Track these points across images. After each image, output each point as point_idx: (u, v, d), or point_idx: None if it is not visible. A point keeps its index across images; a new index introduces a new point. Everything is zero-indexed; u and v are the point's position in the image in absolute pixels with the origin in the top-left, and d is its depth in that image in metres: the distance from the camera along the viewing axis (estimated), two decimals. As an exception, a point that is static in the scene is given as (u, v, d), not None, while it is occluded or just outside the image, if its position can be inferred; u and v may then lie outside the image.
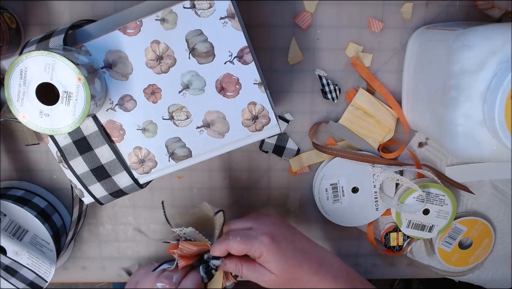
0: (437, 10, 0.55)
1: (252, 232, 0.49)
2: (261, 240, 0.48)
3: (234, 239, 0.48)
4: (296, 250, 0.49)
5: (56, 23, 0.53)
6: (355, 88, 0.57)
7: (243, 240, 0.48)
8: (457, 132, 0.44)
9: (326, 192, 0.60)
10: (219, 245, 0.49)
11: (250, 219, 0.51)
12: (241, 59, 0.45)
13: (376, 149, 0.59)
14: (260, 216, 0.52)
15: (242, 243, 0.48)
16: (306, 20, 0.54)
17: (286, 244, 0.49)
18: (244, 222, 0.51)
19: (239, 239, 0.48)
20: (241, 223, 0.52)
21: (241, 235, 0.49)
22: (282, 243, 0.49)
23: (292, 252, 0.49)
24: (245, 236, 0.49)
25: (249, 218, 0.52)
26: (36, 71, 0.39)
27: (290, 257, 0.48)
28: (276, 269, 0.48)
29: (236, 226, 0.52)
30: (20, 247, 0.54)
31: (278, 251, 0.48)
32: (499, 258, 0.66)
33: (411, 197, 0.59)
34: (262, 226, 0.50)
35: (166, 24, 0.44)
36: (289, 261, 0.48)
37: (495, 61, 0.41)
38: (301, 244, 0.50)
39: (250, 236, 0.49)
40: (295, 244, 0.50)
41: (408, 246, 0.64)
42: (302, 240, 0.51)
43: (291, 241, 0.49)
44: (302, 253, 0.49)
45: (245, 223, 0.51)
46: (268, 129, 0.48)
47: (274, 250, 0.48)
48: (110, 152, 0.47)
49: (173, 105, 0.46)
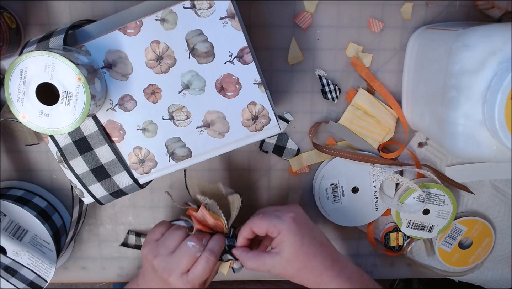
0: (437, 10, 0.55)
1: (277, 212, 0.50)
2: (283, 219, 0.48)
3: (257, 216, 0.50)
4: (315, 238, 0.49)
5: (56, 23, 0.53)
6: (355, 88, 0.57)
7: (265, 217, 0.49)
8: (457, 132, 0.44)
9: (326, 192, 0.60)
10: (245, 226, 0.50)
11: (277, 205, 0.54)
12: (241, 59, 0.45)
13: (376, 149, 0.59)
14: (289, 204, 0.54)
15: (263, 219, 0.49)
16: (306, 20, 0.54)
17: (306, 230, 0.49)
18: (273, 206, 0.53)
19: (261, 216, 0.49)
20: (267, 208, 0.53)
21: (264, 212, 0.50)
22: (303, 227, 0.49)
23: (310, 240, 0.49)
24: (268, 213, 0.50)
25: (277, 205, 0.54)
26: (36, 71, 0.39)
27: (306, 244, 0.48)
28: (289, 252, 0.48)
29: (265, 209, 0.53)
30: (20, 247, 0.54)
31: (297, 233, 0.48)
32: (499, 258, 0.66)
33: (411, 197, 0.59)
34: (287, 209, 0.51)
35: (166, 24, 0.44)
36: (305, 248, 0.48)
37: (495, 61, 0.41)
38: (320, 236, 0.51)
39: (273, 214, 0.50)
40: (315, 233, 0.50)
41: (408, 246, 0.64)
42: (321, 235, 0.51)
43: (311, 229, 0.50)
44: (319, 244, 0.49)
45: (271, 207, 0.53)
46: (268, 129, 0.48)
47: (293, 230, 0.48)
48: (110, 152, 0.47)
49: (173, 105, 0.46)
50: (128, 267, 0.64)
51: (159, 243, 0.50)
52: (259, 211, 0.53)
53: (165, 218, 0.62)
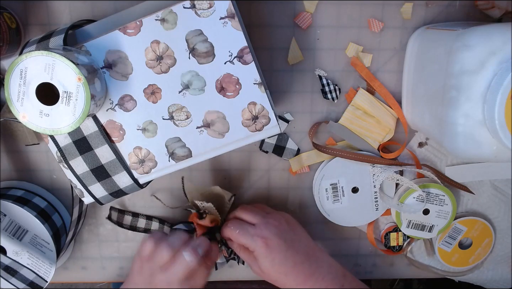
0: (437, 10, 0.55)
1: (251, 230, 0.51)
2: (255, 241, 0.50)
3: (234, 230, 0.52)
4: (287, 260, 0.50)
5: (56, 23, 0.53)
6: (355, 88, 0.57)
7: (241, 234, 0.51)
8: (457, 132, 0.44)
9: (326, 192, 0.60)
10: (225, 231, 0.53)
11: (257, 215, 0.53)
12: (241, 59, 0.45)
13: (376, 149, 0.59)
14: (268, 215, 0.53)
15: (238, 236, 0.51)
16: (306, 20, 0.54)
17: (277, 253, 0.50)
18: (251, 215, 0.53)
19: (238, 232, 0.52)
20: (248, 215, 0.53)
21: (241, 229, 0.52)
22: (274, 251, 0.50)
23: (281, 261, 0.50)
24: (243, 231, 0.51)
25: (257, 213, 0.53)
26: (36, 71, 0.39)
27: (277, 265, 0.50)
28: (262, 268, 0.51)
29: (242, 216, 0.54)
30: (20, 247, 0.54)
31: (267, 257, 0.50)
32: (499, 258, 0.66)
33: (411, 197, 0.59)
34: (263, 228, 0.51)
35: (166, 24, 0.44)
36: (276, 268, 0.51)
37: (495, 61, 0.41)
38: (296, 255, 0.51)
39: (248, 233, 0.51)
40: (288, 254, 0.51)
41: (408, 246, 0.64)
42: (299, 249, 0.52)
43: (285, 251, 0.51)
44: (291, 264, 0.51)
45: (251, 217, 0.53)
46: (268, 129, 0.48)
47: (264, 254, 0.50)
48: (110, 152, 0.47)
49: (173, 105, 0.46)
50: (128, 267, 0.64)
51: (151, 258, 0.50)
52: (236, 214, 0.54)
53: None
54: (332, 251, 0.64)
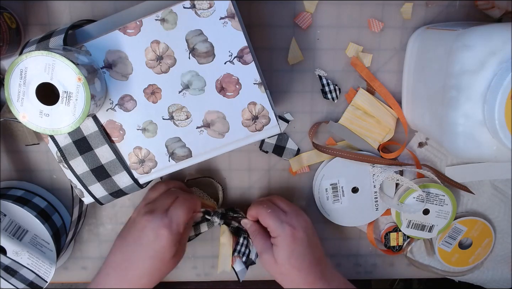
0: (437, 10, 0.55)
1: (283, 216, 0.52)
2: (283, 227, 0.51)
3: (266, 209, 0.53)
4: (305, 256, 0.51)
5: (56, 23, 0.53)
6: (355, 88, 0.57)
7: (272, 216, 0.52)
8: (457, 132, 0.44)
9: (326, 192, 0.60)
10: (255, 208, 0.54)
11: (291, 206, 0.54)
12: (241, 59, 0.45)
13: (376, 149, 0.59)
14: (300, 213, 0.54)
15: (269, 216, 0.52)
16: (306, 20, 0.54)
17: (300, 245, 0.51)
18: (286, 204, 0.55)
19: (270, 212, 0.52)
20: (283, 203, 0.55)
21: (273, 210, 0.53)
22: (298, 242, 0.51)
23: (299, 255, 0.51)
24: (275, 213, 0.52)
25: (293, 206, 0.55)
26: (36, 71, 0.39)
27: (295, 257, 0.51)
28: (278, 256, 0.51)
29: (277, 202, 0.55)
30: (20, 247, 0.54)
31: (289, 246, 0.51)
32: (499, 258, 0.66)
33: (411, 197, 0.59)
34: (294, 219, 0.52)
35: (166, 24, 0.44)
36: (292, 260, 0.51)
37: (495, 61, 0.41)
38: (313, 255, 0.52)
39: (279, 217, 0.52)
40: (307, 251, 0.52)
41: (408, 246, 0.64)
42: (316, 254, 0.53)
43: (306, 246, 0.52)
44: (308, 261, 0.51)
45: (285, 205, 0.55)
46: (268, 129, 0.48)
47: (286, 243, 0.51)
48: (110, 152, 0.47)
49: (173, 105, 0.46)
50: (128, 267, 0.64)
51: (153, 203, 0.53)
52: (273, 199, 0.56)
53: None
54: (332, 251, 0.64)
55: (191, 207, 0.53)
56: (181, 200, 0.52)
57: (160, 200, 0.53)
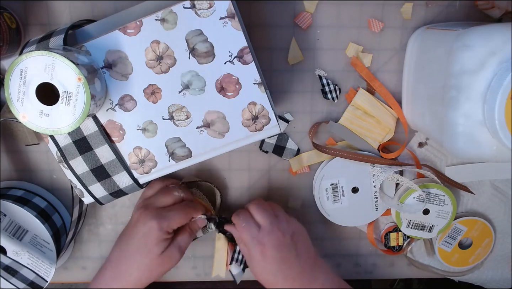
0: (437, 10, 0.55)
1: (254, 231, 0.51)
2: (253, 244, 0.51)
3: (241, 223, 0.52)
4: (278, 272, 0.51)
5: (56, 23, 0.53)
6: (355, 88, 0.57)
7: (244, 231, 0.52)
8: (457, 132, 0.44)
9: (326, 192, 0.60)
10: (234, 218, 0.54)
11: (266, 218, 0.52)
12: (241, 59, 0.45)
13: (376, 149, 0.59)
14: (276, 221, 0.52)
15: (242, 230, 0.52)
16: (306, 20, 0.54)
17: (269, 263, 0.51)
18: (261, 216, 0.52)
19: (243, 226, 0.52)
20: (258, 215, 0.53)
21: (246, 225, 0.52)
22: (267, 260, 0.51)
23: (271, 272, 0.51)
24: (248, 228, 0.52)
25: (266, 216, 0.52)
26: (36, 71, 0.39)
27: (267, 273, 0.51)
28: (252, 270, 0.52)
29: (253, 213, 0.53)
30: (20, 247, 0.54)
31: (259, 262, 0.51)
32: (499, 258, 0.66)
33: (411, 197, 0.59)
34: (265, 234, 0.51)
35: (166, 24, 0.44)
36: (265, 276, 0.51)
37: (495, 61, 0.41)
38: (287, 268, 0.51)
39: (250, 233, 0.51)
40: (280, 266, 0.51)
41: (408, 246, 0.64)
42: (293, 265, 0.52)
43: (278, 262, 0.51)
44: (282, 277, 0.51)
45: (260, 217, 0.52)
46: (268, 129, 0.48)
47: (257, 258, 0.51)
48: (110, 152, 0.47)
49: (173, 105, 0.46)
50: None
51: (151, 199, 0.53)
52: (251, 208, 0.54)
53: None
54: (332, 251, 0.64)
55: (189, 211, 0.53)
56: (181, 205, 0.53)
57: (156, 196, 0.53)
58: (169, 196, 0.53)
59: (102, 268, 0.53)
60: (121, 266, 0.51)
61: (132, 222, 0.52)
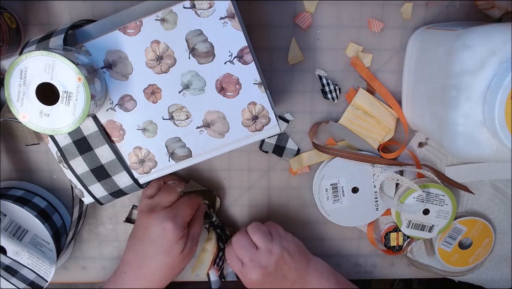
0: (437, 10, 0.55)
1: (252, 252, 0.53)
2: (251, 268, 0.52)
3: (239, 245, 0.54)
4: None
5: (56, 23, 0.53)
6: (355, 88, 0.57)
7: (240, 252, 0.53)
8: (457, 132, 0.44)
9: (326, 192, 0.60)
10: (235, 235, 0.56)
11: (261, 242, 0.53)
12: (241, 59, 0.45)
13: (376, 149, 0.59)
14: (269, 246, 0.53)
15: (239, 250, 0.54)
16: (306, 20, 0.54)
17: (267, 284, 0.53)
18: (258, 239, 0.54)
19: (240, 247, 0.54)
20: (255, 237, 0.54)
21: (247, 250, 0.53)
22: (265, 283, 0.53)
23: None
24: (247, 251, 0.53)
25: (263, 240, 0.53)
26: (36, 71, 0.39)
27: None
28: None
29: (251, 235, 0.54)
30: (20, 247, 0.54)
31: (255, 284, 0.53)
32: (499, 258, 0.66)
33: (411, 197, 0.59)
34: (263, 256, 0.52)
35: (166, 24, 0.44)
36: None
37: (495, 61, 0.41)
38: None
39: (250, 256, 0.53)
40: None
41: (408, 246, 0.64)
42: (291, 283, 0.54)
43: (274, 283, 0.53)
44: None
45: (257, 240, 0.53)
46: (268, 129, 0.48)
47: (247, 283, 0.54)
48: (110, 152, 0.47)
49: (173, 105, 0.46)
50: (128, 267, 0.64)
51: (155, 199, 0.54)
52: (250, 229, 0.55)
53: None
54: (332, 251, 0.64)
55: (194, 202, 0.54)
56: (185, 198, 0.54)
57: (161, 196, 0.53)
58: (173, 193, 0.54)
59: (119, 271, 0.53)
60: (143, 268, 0.52)
61: (142, 225, 0.52)
